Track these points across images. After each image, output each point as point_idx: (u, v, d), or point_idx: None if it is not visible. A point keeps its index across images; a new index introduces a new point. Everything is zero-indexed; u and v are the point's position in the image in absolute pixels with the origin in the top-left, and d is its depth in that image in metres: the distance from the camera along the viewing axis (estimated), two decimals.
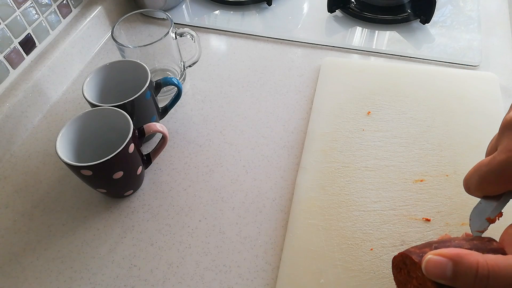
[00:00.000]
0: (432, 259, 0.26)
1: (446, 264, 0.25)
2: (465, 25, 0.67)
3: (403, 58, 0.63)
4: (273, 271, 0.43)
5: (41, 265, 0.45)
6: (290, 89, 0.61)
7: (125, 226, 0.48)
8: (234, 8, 0.75)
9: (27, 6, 0.58)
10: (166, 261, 0.45)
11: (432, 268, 0.26)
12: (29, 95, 0.58)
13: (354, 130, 0.53)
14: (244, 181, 0.51)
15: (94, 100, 0.49)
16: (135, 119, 0.46)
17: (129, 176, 0.47)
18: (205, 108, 0.60)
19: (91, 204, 0.50)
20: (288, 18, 0.72)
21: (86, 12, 0.68)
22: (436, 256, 0.26)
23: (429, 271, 0.26)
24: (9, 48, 0.56)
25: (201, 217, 0.48)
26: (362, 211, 0.45)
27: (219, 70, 0.65)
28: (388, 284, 0.40)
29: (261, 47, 0.68)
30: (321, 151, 0.51)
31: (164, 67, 0.62)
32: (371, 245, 0.43)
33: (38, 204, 0.51)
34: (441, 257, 0.26)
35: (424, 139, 0.51)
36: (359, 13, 0.69)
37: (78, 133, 0.47)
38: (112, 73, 0.53)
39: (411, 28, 0.67)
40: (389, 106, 0.55)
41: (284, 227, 0.46)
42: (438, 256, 0.26)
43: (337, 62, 0.62)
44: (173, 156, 0.54)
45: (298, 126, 0.56)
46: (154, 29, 0.71)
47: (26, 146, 0.57)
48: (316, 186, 0.48)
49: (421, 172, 0.48)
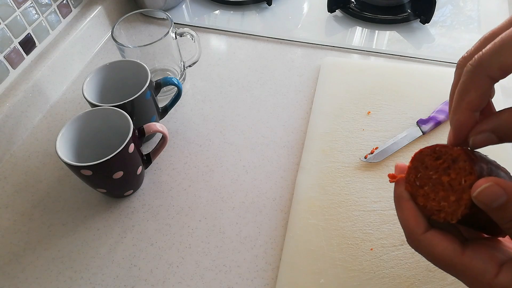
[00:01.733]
0: (492, 187, 0.25)
1: (500, 196, 0.25)
2: (465, 25, 0.67)
3: (403, 58, 0.63)
4: (273, 271, 0.43)
5: (41, 265, 0.45)
6: (290, 89, 0.61)
7: (125, 226, 0.48)
8: (234, 8, 0.75)
9: (27, 6, 0.58)
10: (166, 261, 0.45)
11: (485, 195, 0.25)
12: (29, 95, 0.58)
13: (354, 130, 0.53)
14: (244, 181, 0.51)
15: (94, 100, 0.49)
16: (135, 119, 0.46)
17: (129, 176, 0.47)
18: (205, 108, 0.60)
19: (91, 204, 0.50)
20: (288, 18, 0.72)
21: (86, 12, 0.68)
22: (496, 187, 0.25)
23: (480, 196, 0.25)
24: (9, 48, 0.56)
25: (201, 217, 0.48)
26: (362, 211, 0.45)
27: (219, 70, 0.65)
28: (388, 284, 0.40)
29: (261, 47, 0.68)
30: (321, 151, 0.51)
31: (164, 67, 0.62)
32: (371, 245, 0.43)
33: (38, 204, 0.51)
34: (500, 188, 0.25)
35: (424, 139, 0.51)
36: (359, 13, 0.69)
37: (78, 133, 0.47)
38: (112, 73, 0.53)
39: (411, 28, 0.67)
40: (389, 106, 0.55)
41: (284, 227, 0.46)
42: (498, 187, 0.25)
43: (337, 62, 0.62)
44: (173, 156, 0.54)
45: (298, 126, 0.56)
46: (154, 29, 0.71)
47: (26, 146, 0.57)
48: (316, 186, 0.48)
49: None
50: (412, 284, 0.40)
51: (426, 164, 0.30)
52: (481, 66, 0.26)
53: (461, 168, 0.28)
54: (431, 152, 0.30)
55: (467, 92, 0.27)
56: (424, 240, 0.28)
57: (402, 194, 0.30)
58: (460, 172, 0.28)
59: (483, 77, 0.26)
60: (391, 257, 0.42)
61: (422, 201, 0.30)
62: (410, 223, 0.29)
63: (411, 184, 0.31)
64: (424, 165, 0.30)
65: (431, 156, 0.30)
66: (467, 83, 0.27)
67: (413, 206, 0.30)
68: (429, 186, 0.30)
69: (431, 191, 0.29)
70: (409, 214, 0.29)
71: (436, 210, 0.29)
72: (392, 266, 0.41)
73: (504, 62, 0.25)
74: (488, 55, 0.26)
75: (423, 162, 0.31)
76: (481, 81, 0.27)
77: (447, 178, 0.29)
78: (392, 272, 0.41)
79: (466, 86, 0.27)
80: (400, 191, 0.31)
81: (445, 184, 0.29)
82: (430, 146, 0.30)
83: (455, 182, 0.28)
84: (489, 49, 0.26)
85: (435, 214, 0.29)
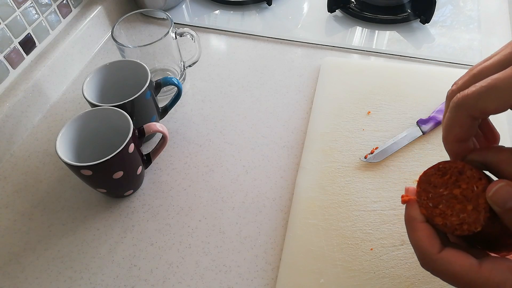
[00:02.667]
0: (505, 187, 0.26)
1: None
2: (465, 25, 0.67)
3: (403, 58, 0.63)
4: (273, 271, 0.43)
5: (41, 265, 0.45)
6: (290, 89, 0.61)
7: (125, 226, 0.48)
8: (234, 8, 0.75)
9: (27, 6, 0.58)
10: (166, 261, 0.45)
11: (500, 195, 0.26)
12: (29, 95, 0.58)
13: (354, 130, 0.53)
14: (244, 181, 0.51)
15: (94, 100, 0.49)
16: (135, 119, 0.46)
17: (129, 176, 0.47)
18: (205, 108, 0.60)
19: (91, 204, 0.50)
20: (288, 18, 0.72)
21: (86, 12, 0.68)
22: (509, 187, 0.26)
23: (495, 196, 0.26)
24: (9, 48, 0.56)
25: (201, 217, 0.48)
26: (362, 211, 0.45)
27: (219, 70, 0.65)
28: (388, 284, 0.40)
29: (261, 47, 0.68)
30: (321, 151, 0.51)
31: (164, 67, 0.62)
32: (371, 245, 0.43)
33: (38, 204, 0.51)
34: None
35: (424, 139, 0.51)
36: (359, 13, 0.69)
37: (78, 133, 0.47)
38: (112, 73, 0.53)
39: (411, 28, 0.67)
40: (389, 106, 0.55)
41: (284, 227, 0.46)
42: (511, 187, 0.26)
43: (337, 62, 0.62)
44: (173, 156, 0.54)
45: (298, 126, 0.56)
46: (154, 29, 0.71)
47: (26, 146, 0.57)
48: (316, 186, 0.48)
49: (421, 172, 0.48)
50: (412, 284, 0.40)
51: (434, 183, 0.31)
52: (463, 106, 0.27)
53: (469, 177, 0.29)
54: (436, 171, 0.31)
55: (452, 127, 0.29)
56: (441, 259, 0.28)
57: (415, 216, 0.30)
58: (470, 181, 0.29)
59: (466, 116, 0.28)
60: (391, 257, 0.42)
61: (441, 220, 0.30)
62: (424, 244, 0.29)
63: (425, 206, 0.31)
64: (432, 185, 0.31)
65: (436, 174, 0.31)
66: (451, 119, 0.29)
67: (426, 226, 0.30)
68: (443, 204, 0.30)
69: (446, 208, 0.30)
70: (423, 235, 0.29)
71: (457, 225, 0.29)
72: (392, 266, 0.41)
73: (486, 107, 0.26)
74: (472, 98, 0.27)
75: (430, 182, 0.31)
76: (464, 119, 0.28)
77: (459, 190, 0.29)
78: (392, 272, 0.41)
79: (451, 121, 0.29)
80: (412, 213, 0.31)
81: (458, 197, 0.29)
82: (432, 166, 0.31)
83: (468, 192, 0.29)
84: (474, 92, 0.27)
85: (458, 228, 0.29)
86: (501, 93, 0.26)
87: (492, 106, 0.26)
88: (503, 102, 0.26)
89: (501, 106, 0.26)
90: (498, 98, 0.26)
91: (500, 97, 0.26)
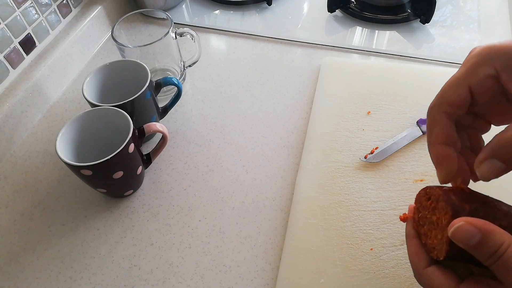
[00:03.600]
0: (463, 227, 0.27)
1: (474, 235, 0.26)
2: (465, 25, 0.67)
3: (403, 58, 0.63)
4: (273, 271, 0.43)
5: (41, 265, 0.45)
6: (290, 89, 0.61)
7: (125, 226, 0.48)
8: (234, 8, 0.75)
9: (27, 6, 0.58)
10: (166, 261, 0.45)
11: (460, 234, 0.27)
12: (29, 95, 0.58)
13: (354, 130, 0.53)
14: (244, 181, 0.51)
15: (94, 100, 0.49)
16: (135, 119, 0.46)
17: (129, 176, 0.47)
18: (205, 108, 0.60)
19: (91, 204, 0.50)
20: (288, 18, 0.72)
21: (86, 12, 0.68)
22: (468, 226, 0.26)
23: (455, 235, 0.27)
24: (9, 48, 0.56)
25: (201, 217, 0.48)
26: (362, 211, 0.45)
27: (219, 70, 0.65)
28: (388, 284, 0.40)
29: (261, 47, 0.68)
30: (321, 151, 0.51)
31: (164, 67, 0.62)
32: (371, 245, 0.43)
33: (38, 204, 0.51)
34: (473, 227, 0.26)
35: (424, 139, 0.51)
36: (359, 13, 0.69)
37: (78, 133, 0.47)
38: (112, 73, 0.53)
39: (411, 28, 0.67)
40: (389, 106, 0.55)
41: (284, 227, 0.46)
42: (470, 226, 0.26)
43: (337, 62, 0.62)
44: (173, 156, 0.54)
45: (298, 126, 0.56)
46: (154, 29, 0.71)
47: (26, 146, 0.57)
48: (316, 186, 0.48)
49: (421, 172, 0.48)
50: (412, 284, 0.40)
51: (423, 205, 0.33)
52: (433, 107, 0.32)
53: (441, 207, 0.30)
54: (424, 194, 0.33)
55: (432, 129, 0.32)
56: (424, 274, 0.30)
57: (410, 232, 0.34)
58: (441, 212, 0.30)
59: (440, 114, 0.31)
60: (391, 257, 0.42)
61: (424, 239, 0.32)
62: (414, 258, 0.32)
63: (416, 223, 0.33)
64: (422, 206, 0.33)
65: (424, 197, 0.33)
66: (430, 122, 0.32)
67: (417, 242, 0.33)
68: (427, 225, 0.32)
69: (428, 229, 0.32)
70: (414, 250, 0.32)
71: (432, 248, 0.31)
72: (392, 266, 0.41)
73: (448, 99, 0.31)
74: (437, 98, 0.32)
75: (421, 202, 0.33)
76: (439, 118, 0.31)
77: (435, 217, 0.31)
78: (392, 272, 0.41)
79: (430, 124, 0.32)
80: (408, 229, 0.34)
81: (434, 223, 0.31)
82: (423, 188, 0.33)
83: (440, 221, 0.30)
84: (437, 94, 0.32)
85: (432, 251, 0.31)
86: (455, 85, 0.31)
87: (453, 96, 0.31)
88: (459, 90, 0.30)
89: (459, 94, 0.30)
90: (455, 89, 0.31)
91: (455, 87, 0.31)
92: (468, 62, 0.31)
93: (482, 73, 0.29)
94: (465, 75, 0.30)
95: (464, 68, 0.31)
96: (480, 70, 0.30)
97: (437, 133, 0.32)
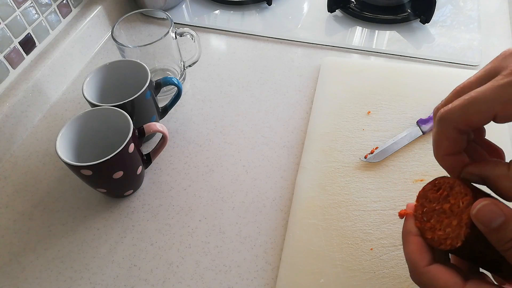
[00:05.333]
0: (489, 205, 0.26)
1: (498, 217, 0.26)
2: (465, 25, 0.67)
3: (403, 58, 0.63)
4: (273, 271, 0.43)
5: (41, 265, 0.45)
6: (290, 89, 0.61)
7: (125, 226, 0.48)
8: (234, 8, 0.75)
9: (27, 6, 0.58)
10: (166, 261, 0.45)
11: (484, 213, 0.26)
12: (29, 95, 0.58)
13: (354, 129, 0.53)
14: (244, 181, 0.51)
15: (94, 100, 0.49)
16: (135, 119, 0.46)
17: (129, 176, 0.47)
18: (205, 108, 0.60)
19: (91, 204, 0.50)
20: (288, 17, 0.72)
21: (86, 12, 0.68)
22: (494, 206, 0.26)
23: (479, 214, 0.26)
24: (9, 48, 0.56)
25: (201, 217, 0.48)
26: (362, 211, 0.45)
27: (219, 70, 0.65)
28: (388, 284, 0.40)
29: (261, 47, 0.68)
30: (321, 150, 0.51)
31: (164, 67, 0.62)
32: (371, 245, 0.43)
33: (38, 204, 0.51)
34: (498, 208, 0.26)
35: (424, 139, 0.51)
36: (359, 13, 0.69)
37: (78, 133, 0.47)
38: (112, 73, 0.53)
39: (411, 28, 0.67)
40: (389, 106, 0.55)
41: (284, 227, 0.46)
42: (496, 206, 0.26)
43: (337, 62, 0.62)
44: (173, 156, 0.54)
45: (298, 126, 0.56)
46: (154, 29, 0.71)
47: (26, 146, 0.57)
48: (316, 185, 0.48)
49: (421, 172, 0.48)
50: (412, 284, 0.40)
51: (429, 198, 0.32)
52: (447, 119, 0.29)
53: (457, 192, 0.30)
54: (432, 186, 0.32)
55: (440, 141, 0.30)
56: (428, 272, 0.29)
57: (410, 229, 0.32)
58: (457, 196, 0.29)
59: (451, 129, 0.29)
60: (391, 257, 0.42)
61: (430, 234, 0.31)
62: (414, 256, 0.30)
63: (419, 220, 0.32)
64: (428, 200, 0.32)
65: (432, 189, 0.32)
66: (438, 133, 0.30)
67: (419, 240, 0.31)
68: (434, 218, 0.31)
69: (436, 222, 0.31)
70: (415, 248, 0.30)
71: (442, 239, 0.30)
72: (392, 266, 0.41)
73: (469, 119, 0.28)
74: (455, 111, 0.28)
75: (427, 197, 0.32)
76: (450, 132, 0.29)
77: (448, 205, 0.30)
78: (392, 272, 0.41)
79: (439, 135, 0.30)
80: (408, 226, 0.32)
81: (447, 212, 0.30)
82: (430, 181, 0.32)
83: (455, 207, 0.29)
84: (457, 105, 0.28)
85: (443, 243, 0.30)
86: (481, 105, 0.27)
87: (475, 118, 0.27)
88: (484, 114, 0.27)
89: (483, 117, 0.27)
90: (479, 110, 0.27)
91: (481, 109, 0.27)
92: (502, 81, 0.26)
93: None
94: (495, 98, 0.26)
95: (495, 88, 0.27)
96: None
97: (446, 147, 0.30)
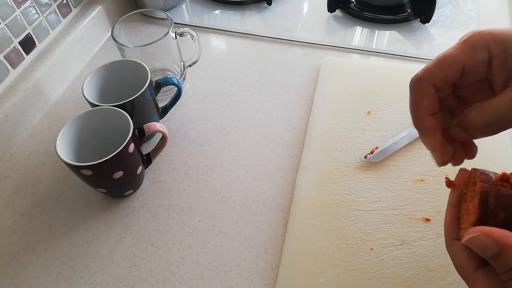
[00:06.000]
0: (478, 238, 0.26)
1: (491, 247, 0.25)
2: (465, 25, 0.67)
3: (403, 58, 0.63)
4: (273, 271, 0.43)
5: (41, 265, 0.45)
6: (290, 89, 0.61)
7: (125, 226, 0.48)
8: (234, 8, 0.75)
9: (27, 5, 0.58)
10: (166, 261, 0.45)
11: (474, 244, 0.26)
12: (29, 95, 0.58)
13: (354, 129, 0.53)
14: (244, 181, 0.51)
15: (94, 100, 0.49)
16: (135, 119, 0.46)
17: (129, 176, 0.47)
18: (205, 108, 0.60)
19: (91, 204, 0.50)
20: (288, 17, 0.72)
21: (86, 11, 0.68)
22: (485, 237, 0.26)
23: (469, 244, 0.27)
24: (9, 48, 0.56)
25: (201, 217, 0.48)
26: (362, 211, 0.45)
27: (219, 70, 0.65)
28: (388, 284, 0.40)
29: (261, 47, 0.68)
30: (321, 150, 0.51)
31: (164, 67, 0.62)
32: (371, 245, 0.43)
33: (38, 204, 0.51)
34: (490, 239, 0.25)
35: None
36: (359, 13, 0.69)
37: (78, 133, 0.47)
38: (112, 73, 0.53)
39: (411, 28, 0.67)
40: (389, 106, 0.55)
41: (284, 227, 0.46)
42: (487, 238, 0.26)
43: (337, 62, 0.62)
44: (173, 156, 0.54)
45: (298, 126, 0.56)
46: (154, 29, 0.71)
47: (26, 146, 0.57)
48: (316, 185, 0.48)
49: (421, 172, 0.48)
50: (412, 284, 0.40)
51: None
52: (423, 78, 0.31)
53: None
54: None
55: (420, 101, 0.31)
56: (451, 246, 0.31)
57: (452, 201, 0.33)
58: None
59: (429, 86, 0.31)
60: (391, 257, 0.42)
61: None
62: (446, 227, 0.32)
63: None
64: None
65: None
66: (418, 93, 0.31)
67: (453, 213, 0.32)
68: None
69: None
70: (447, 220, 0.32)
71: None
72: (392, 266, 0.41)
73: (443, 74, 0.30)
74: (430, 68, 0.31)
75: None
76: (428, 89, 0.31)
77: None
78: (392, 272, 0.41)
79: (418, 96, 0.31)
80: (452, 197, 0.34)
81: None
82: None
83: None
84: (430, 64, 0.31)
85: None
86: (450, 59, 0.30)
87: (448, 72, 0.30)
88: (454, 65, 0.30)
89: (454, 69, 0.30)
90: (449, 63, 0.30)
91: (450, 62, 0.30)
92: (466, 42, 0.30)
93: (478, 57, 0.30)
94: (462, 54, 0.30)
95: (461, 47, 0.30)
96: (477, 53, 0.30)
97: (427, 105, 0.31)
